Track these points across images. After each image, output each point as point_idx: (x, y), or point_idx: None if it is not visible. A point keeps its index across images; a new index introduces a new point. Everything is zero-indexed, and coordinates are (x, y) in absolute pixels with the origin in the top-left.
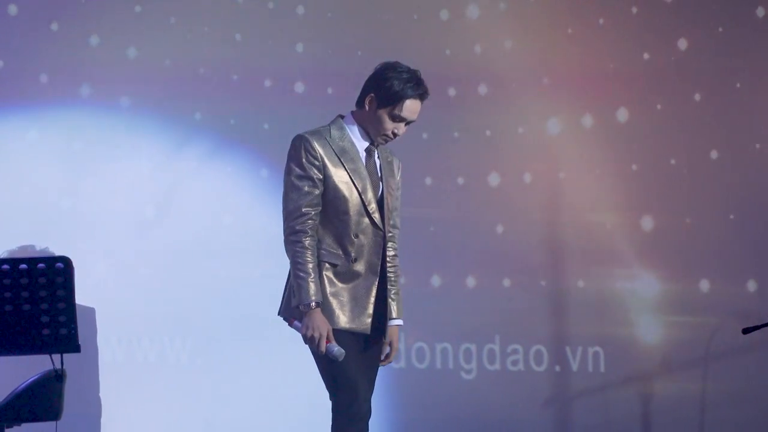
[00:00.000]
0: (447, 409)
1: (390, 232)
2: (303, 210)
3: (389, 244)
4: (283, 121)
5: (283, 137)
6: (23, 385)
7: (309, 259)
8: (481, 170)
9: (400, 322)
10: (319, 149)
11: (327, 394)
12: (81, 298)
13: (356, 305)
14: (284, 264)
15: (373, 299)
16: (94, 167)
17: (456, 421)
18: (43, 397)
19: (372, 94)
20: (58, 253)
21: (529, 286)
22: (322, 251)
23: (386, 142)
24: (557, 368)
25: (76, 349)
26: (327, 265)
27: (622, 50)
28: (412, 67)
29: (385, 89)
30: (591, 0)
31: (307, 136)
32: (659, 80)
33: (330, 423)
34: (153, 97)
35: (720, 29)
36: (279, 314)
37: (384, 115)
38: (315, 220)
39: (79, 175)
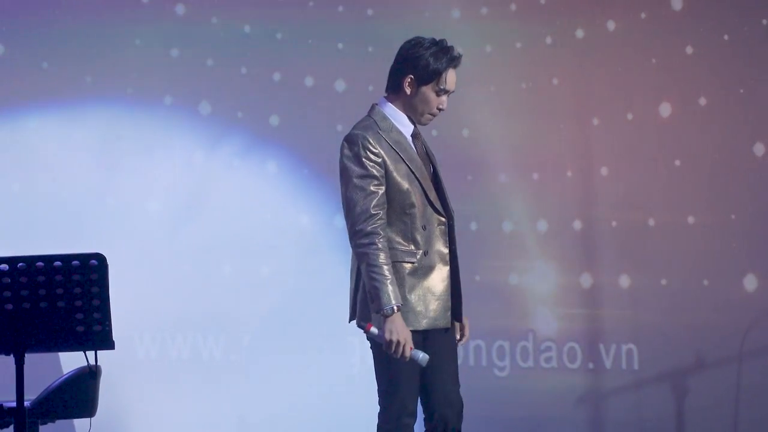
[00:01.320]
0: (480, 407)
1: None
2: (372, 211)
3: None
4: (294, 116)
5: (323, 135)
6: (57, 382)
7: (384, 261)
8: (522, 167)
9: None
10: (377, 145)
11: (362, 392)
12: (115, 294)
13: (436, 300)
14: (317, 260)
15: (449, 290)
16: (127, 165)
17: (489, 419)
18: (78, 394)
19: (411, 76)
20: (87, 250)
21: (564, 283)
22: (395, 251)
23: (432, 119)
24: (591, 366)
25: (110, 345)
26: (402, 264)
27: (632, 53)
28: (435, 38)
29: (423, 67)
30: (603, 3)
31: (362, 133)
32: (667, 81)
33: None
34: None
35: (726, 37)
36: (352, 321)
37: (429, 92)
38: (384, 219)
39: (113, 173)
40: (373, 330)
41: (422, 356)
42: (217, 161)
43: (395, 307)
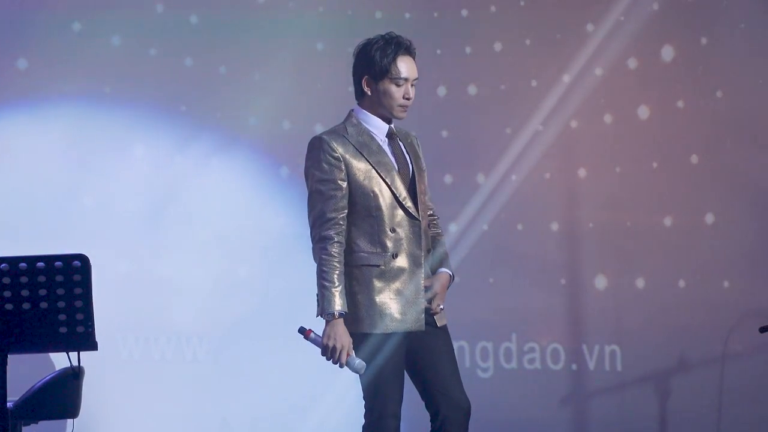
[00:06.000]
0: None
1: (430, 212)
2: (328, 215)
3: (431, 221)
4: (304, 119)
5: (302, 135)
6: (40, 383)
7: (335, 266)
8: (500, 168)
9: (448, 271)
10: (339, 148)
11: (347, 393)
12: (98, 295)
13: (406, 303)
14: (300, 262)
15: (423, 293)
16: (111, 165)
17: (472, 420)
18: (61, 395)
19: (366, 76)
20: (69, 251)
21: (547, 285)
22: (361, 254)
23: (405, 110)
24: (574, 367)
25: (93, 347)
26: (369, 267)
27: (645, 47)
28: (384, 34)
29: (372, 64)
30: (582, 6)
31: (323, 137)
32: (646, 85)
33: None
34: (171, 95)
35: (703, 40)
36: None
37: (387, 86)
38: (342, 224)
39: (95, 173)
40: (313, 336)
41: (358, 363)
42: (197, 161)
43: (336, 313)
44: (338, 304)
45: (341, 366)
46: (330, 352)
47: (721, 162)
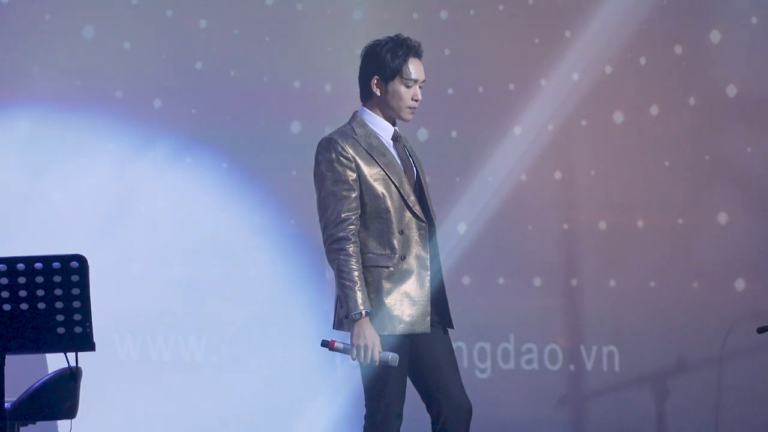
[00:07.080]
0: None
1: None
2: (343, 216)
3: None
4: (277, 118)
5: (276, 134)
6: (38, 384)
7: (354, 267)
8: (481, 170)
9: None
10: (350, 149)
11: (345, 393)
12: (96, 296)
13: (413, 305)
14: (299, 262)
15: (428, 295)
16: (107, 165)
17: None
18: (58, 396)
19: (376, 77)
20: (69, 251)
21: (545, 286)
22: (369, 255)
23: (413, 112)
24: (572, 367)
25: (90, 347)
26: (378, 269)
27: (622, 54)
28: (392, 36)
29: (383, 65)
30: (590, 4)
31: (335, 138)
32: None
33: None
34: (146, 89)
35: (714, 36)
36: (334, 328)
37: (397, 87)
38: (356, 225)
39: (91, 173)
40: (338, 345)
41: (392, 357)
42: (199, 161)
43: (363, 312)
44: (363, 303)
45: (375, 363)
46: (363, 352)
47: (734, 161)
